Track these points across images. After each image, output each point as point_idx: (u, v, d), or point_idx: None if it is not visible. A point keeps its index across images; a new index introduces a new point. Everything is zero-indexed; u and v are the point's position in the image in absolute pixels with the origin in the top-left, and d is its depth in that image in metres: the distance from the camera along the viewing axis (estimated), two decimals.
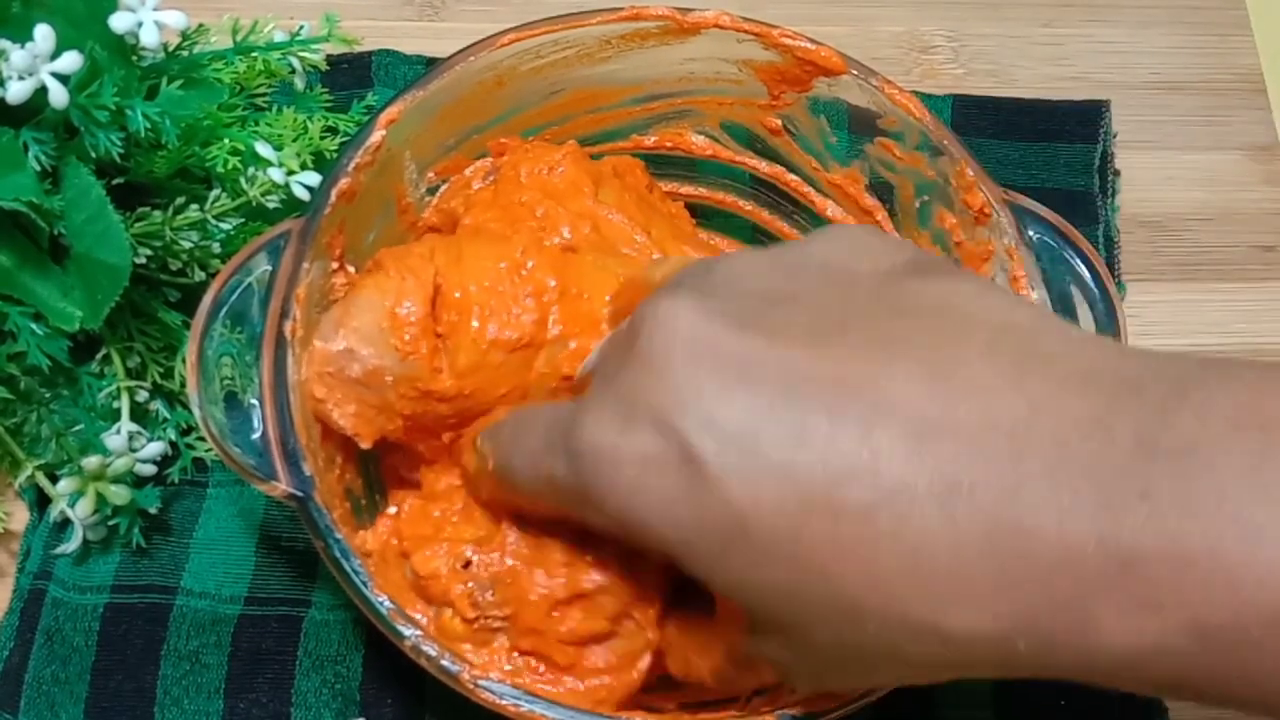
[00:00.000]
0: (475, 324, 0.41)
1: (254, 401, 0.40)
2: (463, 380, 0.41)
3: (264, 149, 0.47)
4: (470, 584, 0.39)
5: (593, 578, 0.39)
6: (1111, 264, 0.58)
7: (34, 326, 0.46)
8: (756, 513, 0.28)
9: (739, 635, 0.34)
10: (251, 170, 0.47)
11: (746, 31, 0.46)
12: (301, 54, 0.51)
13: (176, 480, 0.50)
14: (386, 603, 0.38)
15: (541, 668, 0.39)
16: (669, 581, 0.39)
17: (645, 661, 0.39)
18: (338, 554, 0.39)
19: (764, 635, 0.32)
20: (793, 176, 0.51)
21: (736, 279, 0.33)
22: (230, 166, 0.47)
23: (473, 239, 0.44)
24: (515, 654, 0.39)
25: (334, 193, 0.43)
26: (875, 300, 0.31)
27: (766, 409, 0.29)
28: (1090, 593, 0.26)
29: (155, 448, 0.48)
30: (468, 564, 0.39)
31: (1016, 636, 0.27)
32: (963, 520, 0.27)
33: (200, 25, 0.51)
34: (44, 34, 0.42)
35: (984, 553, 0.27)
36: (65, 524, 0.47)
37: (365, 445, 0.42)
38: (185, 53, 0.50)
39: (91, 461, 0.46)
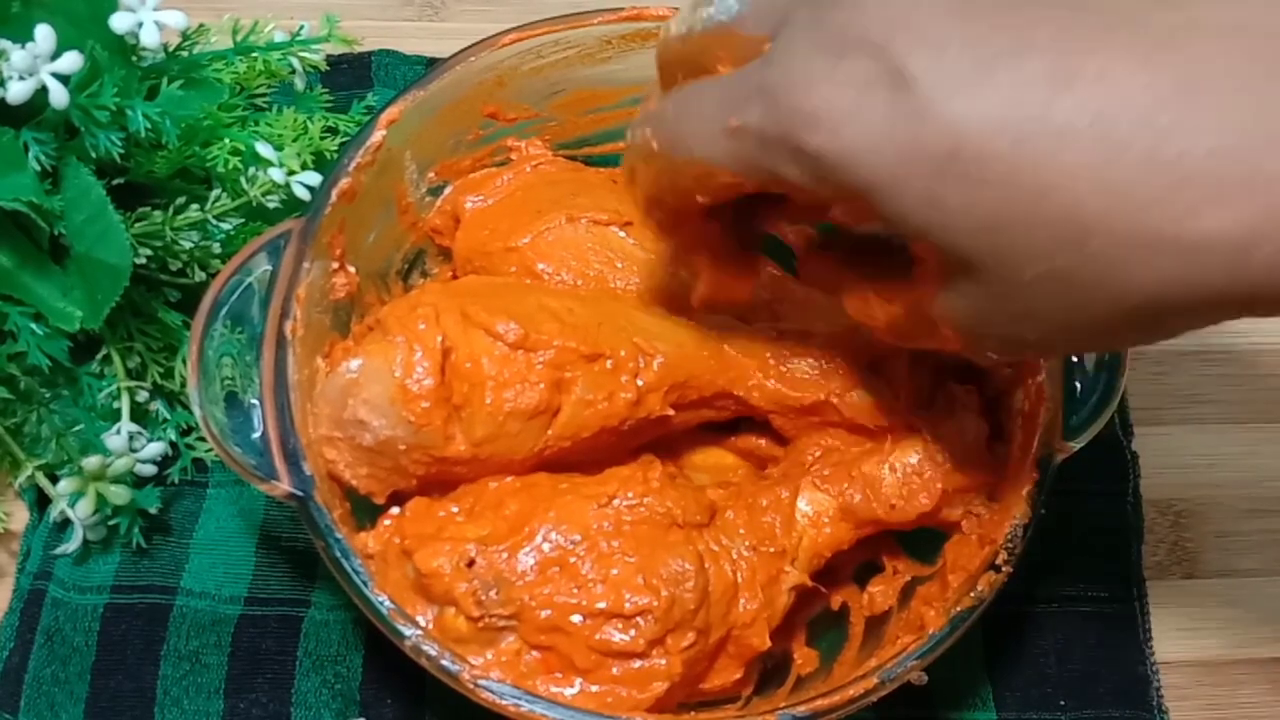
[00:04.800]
0: (490, 398, 0.40)
1: (254, 401, 0.40)
2: (479, 448, 0.41)
3: (264, 149, 0.47)
4: (474, 582, 0.39)
5: (636, 601, 0.39)
6: None
7: (34, 326, 0.46)
8: (971, 132, 0.27)
9: (932, 291, 0.33)
10: (252, 170, 0.47)
11: None
12: (302, 54, 0.51)
13: (176, 480, 0.50)
14: (387, 602, 0.38)
15: (556, 668, 0.39)
16: None
17: (661, 688, 0.39)
18: (338, 553, 0.39)
19: (961, 284, 0.31)
20: None
21: None
22: (230, 166, 0.48)
23: (474, 297, 0.43)
24: (530, 652, 0.39)
25: (334, 192, 0.43)
26: None
27: (986, 28, 0.28)
28: None
29: (155, 448, 0.48)
30: (471, 562, 0.39)
31: (1257, 241, 0.26)
32: (1210, 122, 0.26)
33: (200, 25, 0.51)
34: (44, 34, 0.42)
35: (1232, 152, 0.26)
36: (65, 524, 0.47)
37: (378, 501, 0.42)
38: (185, 53, 0.50)
39: (92, 461, 0.46)
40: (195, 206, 0.47)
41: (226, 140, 0.48)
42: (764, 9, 0.33)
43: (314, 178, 0.47)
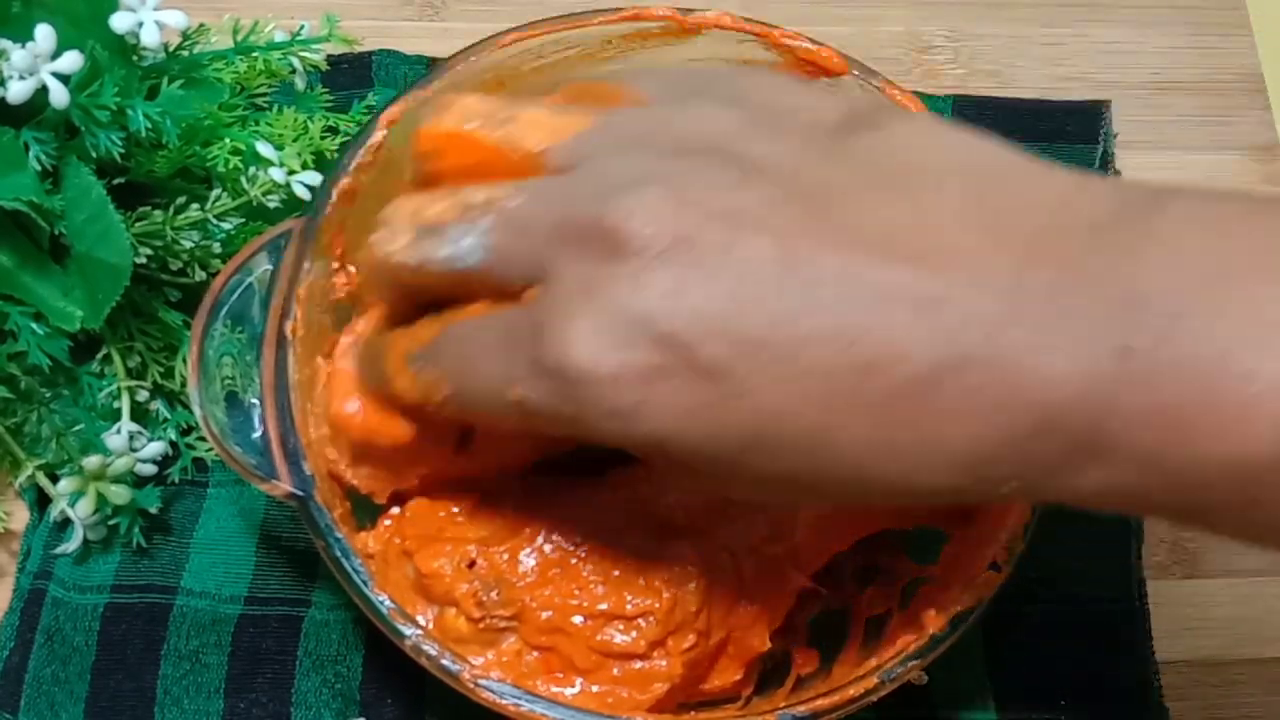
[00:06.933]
0: None
1: (254, 401, 0.40)
2: (479, 448, 0.41)
3: (265, 148, 0.47)
4: (475, 583, 0.39)
5: (637, 602, 0.39)
6: None
7: (34, 326, 0.46)
8: (778, 412, 0.28)
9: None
10: (252, 170, 0.47)
11: (748, 32, 0.46)
12: (302, 54, 0.51)
13: (177, 480, 0.50)
14: (387, 602, 0.38)
15: (557, 669, 0.39)
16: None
17: (662, 689, 0.39)
18: (338, 553, 0.39)
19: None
20: None
21: (693, 135, 0.31)
22: (231, 166, 0.47)
23: None
24: (531, 653, 0.39)
25: (335, 192, 0.43)
26: (831, 162, 0.30)
27: (767, 302, 0.28)
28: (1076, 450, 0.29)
29: (155, 447, 0.48)
30: (472, 563, 0.39)
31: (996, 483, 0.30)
32: (971, 391, 0.28)
33: (201, 25, 0.51)
34: (45, 34, 0.42)
35: (978, 416, 0.28)
36: (65, 524, 0.47)
37: (379, 501, 0.42)
38: (186, 52, 0.50)
39: (92, 461, 0.46)
40: (195, 206, 0.47)
41: (227, 140, 0.48)
42: (515, 258, 0.31)
43: (314, 177, 0.47)
